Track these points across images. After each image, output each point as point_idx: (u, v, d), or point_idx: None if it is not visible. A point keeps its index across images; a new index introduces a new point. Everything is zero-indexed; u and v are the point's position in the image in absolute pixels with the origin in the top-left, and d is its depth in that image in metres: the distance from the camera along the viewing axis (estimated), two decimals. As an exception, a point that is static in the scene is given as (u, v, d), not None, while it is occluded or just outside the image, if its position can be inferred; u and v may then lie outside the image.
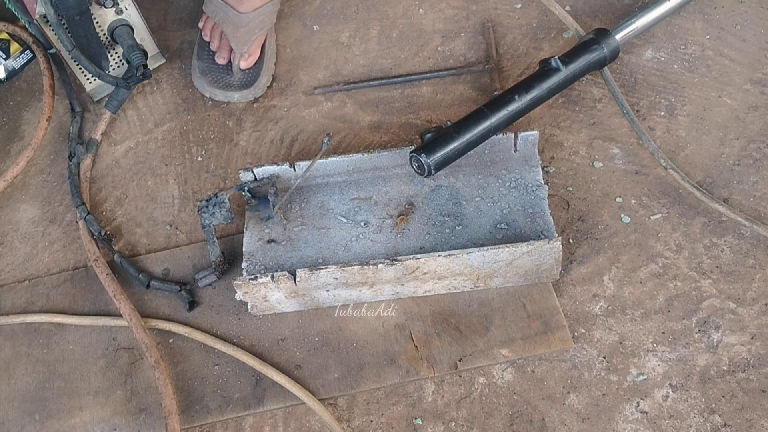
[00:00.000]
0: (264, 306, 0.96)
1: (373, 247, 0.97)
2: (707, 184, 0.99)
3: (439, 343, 0.93)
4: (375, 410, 0.91)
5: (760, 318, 0.90)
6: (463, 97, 1.13)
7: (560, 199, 1.02)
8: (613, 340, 0.91)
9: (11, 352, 1.02)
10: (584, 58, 1.01)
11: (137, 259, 1.06)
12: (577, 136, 1.06)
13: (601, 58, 1.02)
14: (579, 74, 1.01)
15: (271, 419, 0.92)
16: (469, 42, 1.19)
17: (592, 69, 1.03)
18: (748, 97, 1.06)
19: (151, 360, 0.95)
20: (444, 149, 0.93)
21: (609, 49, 1.02)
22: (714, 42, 1.12)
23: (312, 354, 0.95)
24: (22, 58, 1.27)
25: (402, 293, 0.96)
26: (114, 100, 1.19)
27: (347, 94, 1.17)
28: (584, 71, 1.02)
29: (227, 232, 1.06)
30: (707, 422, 0.84)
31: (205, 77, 1.18)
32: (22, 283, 1.08)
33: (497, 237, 0.95)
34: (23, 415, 0.97)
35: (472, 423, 0.88)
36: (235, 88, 1.17)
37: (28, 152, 1.16)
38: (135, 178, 1.15)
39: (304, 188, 1.04)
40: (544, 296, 0.94)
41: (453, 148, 0.94)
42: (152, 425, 0.93)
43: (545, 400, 0.88)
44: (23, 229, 1.14)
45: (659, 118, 1.06)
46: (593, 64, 1.02)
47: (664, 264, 0.95)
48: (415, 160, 0.94)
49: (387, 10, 1.25)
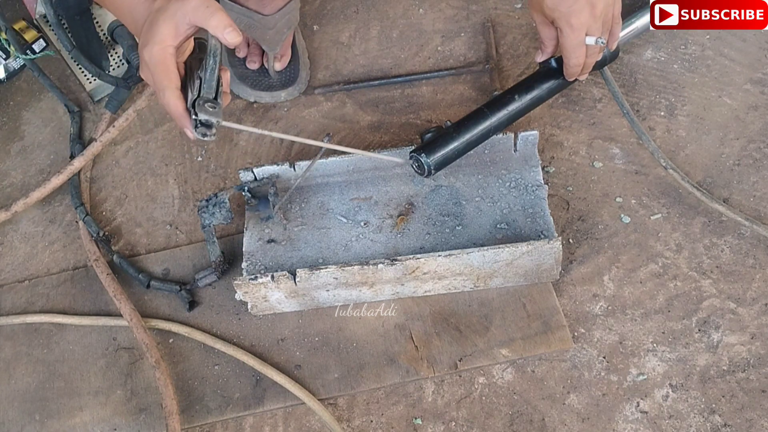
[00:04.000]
0: (264, 306, 0.97)
1: (373, 247, 0.97)
2: (707, 184, 0.99)
3: (439, 343, 0.93)
4: (375, 410, 0.91)
5: (760, 318, 0.90)
6: (463, 97, 1.13)
7: (560, 199, 1.02)
8: (613, 340, 0.91)
9: (11, 352, 1.02)
10: None
11: (137, 259, 1.06)
12: (577, 136, 1.06)
13: (601, 58, 1.02)
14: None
15: (271, 419, 0.92)
16: (469, 42, 1.19)
17: (593, 68, 1.02)
18: (748, 97, 1.06)
19: (152, 360, 0.95)
20: (444, 149, 0.93)
21: (609, 50, 1.02)
22: (714, 42, 1.12)
23: (312, 354, 0.95)
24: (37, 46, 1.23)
25: (402, 293, 0.96)
26: (114, 100, 1.19)
27: (347, 94, 1.17)
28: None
29: (227, 232, 1.06)
30: (707, 422, 0.84)
31: (245, 82, 1.17)
32: (22, 283, 1.08)
33: (497, 237, 0.95)
34: (23, 415, 0.97)
35: (472, 423, 0.88)
36: (278, 88, 1.16)
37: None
38: (135, 178, 1.15)
39: (304, 188, 1.04)
40: (544, 296, 0.94)
41: (453, 148, 0.94)
42: (152, 425, 0.93)
43: (545, 400, 0.88)
44: (23, 229, 1.14)
45: (659, 118, 1.06)
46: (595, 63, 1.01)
47: (664, 264, 0.95)
48: (415, 160, 0.94)
49: (387, 10, 1.25)
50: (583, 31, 0.88)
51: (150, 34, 0.77)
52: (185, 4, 0.76)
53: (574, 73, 0.94)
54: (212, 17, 0.75)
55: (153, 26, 0.77)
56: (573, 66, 0.93)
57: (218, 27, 0.75)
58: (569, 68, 0.93)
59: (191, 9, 0.76)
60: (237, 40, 0.76)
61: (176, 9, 0.76)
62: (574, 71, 0.94)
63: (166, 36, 0.77)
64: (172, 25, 0.76)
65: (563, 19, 0.88)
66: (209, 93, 0.77)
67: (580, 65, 0.93)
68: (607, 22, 0.91)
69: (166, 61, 0.77)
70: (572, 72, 0.94)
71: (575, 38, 0.89)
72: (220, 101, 0.78)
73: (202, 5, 0.75)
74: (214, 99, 0.77)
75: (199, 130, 0.76)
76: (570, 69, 0.93)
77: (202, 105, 0.76)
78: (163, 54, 0.77)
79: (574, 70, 0.93)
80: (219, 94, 0.78)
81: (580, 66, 0.93)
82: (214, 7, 0.76)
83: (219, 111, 0.77)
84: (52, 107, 1.26)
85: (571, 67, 0.93)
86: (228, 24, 0.75)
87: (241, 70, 1.18)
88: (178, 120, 0.79)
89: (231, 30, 0.75)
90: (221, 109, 0.77)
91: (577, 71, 0.94)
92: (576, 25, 0.88)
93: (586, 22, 0.88)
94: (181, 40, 0.78)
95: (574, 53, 0.91)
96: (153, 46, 0.77)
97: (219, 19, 0.75)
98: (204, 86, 0.78)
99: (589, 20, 0.87)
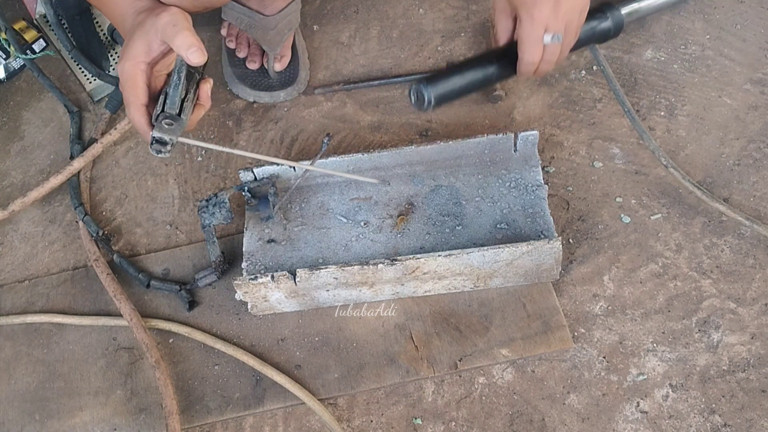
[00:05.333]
0: (264, 306, 0.97)
1: (373, 247, 0.97)
2: (707, 183, 0.99)
3: (439, 343, 0.93)
4: (375, 410, 0.91)
5: (760, 318, 0.90)
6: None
7: (560, 199, 1.02)
8: (613, 340, 0.91)
9: (11, 352, 1.02)
10: (589, 25, 0.97)
11: (137, 259, 1.06)
12: (577, 136, 1.06)
13: (605, 29, 0.98)
14: (583, 41, 0.98)
15: (271, 419, 0.92)
16: (469, 42, 1.19)
17: (595, 39, 1.00)
18: (748, 97, 1.06)
19: (152, 360, 0.95)
20: (446, 83, 0.90)
21: (614, 22, 0.99)
22: (714, 42, 1.12)
23: (312, 354, 0.95)
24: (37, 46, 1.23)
25: (402, 293, 0.96)
26: (114, 100, 1.19)
27: (347, 94, 1.17)
28: (588, 39, 0.98)
29: (227, 232, 1.06)
30: (707, 422, 0.84)
31: (245, 82, 1.17)
32: (22, 283, 1.08)
33: (497, 237, 0.95)
34: (23, 415, 0.97)
35: (472, 423, 0.88)
36: (278, 88, 1.16)
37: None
38: (135, 178, 1.15)
39: (304, 188, 1.04)
40: (544, 296, 0.94)
41: (456, 83, 0.90)
42: (152, 425, 0.93)
43: (545, 400, 0.88)
44: (23, 229, 1.14)
45: (659, 118, 1.06)
46: (597, 33, 0.99)
47: (664, 264, 0.95)
48: (414, 91, 0.90)
49: (387, 10, 1.25)
50: (542, 26, 0.85)
51: (125, 50, 0.79)
52: (157, 20, 0.77)
53: (528, 71, 0.90)
54: (177, 36, 0.76)
55: (129, 42, 0.79)
56: (527, 63, 0.88)
57: (182, 46, 0.76)
58: (523, 65, 0.89)
59: (161, 26, 0.77)
60: (200, 60, 0.77)
61: (150, 25, 0.78)
62: (528, 69, 0.89)
63: (139, 52, 0.78)
64: (145, 41, 0.78)
65: (525, 8, 0.85)
66: (172, 109, 0.79)
67: (535, 64, 0.88)
68: (570, 30, 0.88)
69: (135, 77, 0.79)
70: (526, 69, 0.89)
71: (534, 31, 0.85)
72: (183, 117, 0.80)
73: (170, 23, 0.77)
74: (177, 115, 0.79)
75: (153, 146, 0.78)
76: (524, 66, 0.89)
77: (159, 122, 0.78)
78: (134, 70, 0.79)
79: (528, 67, 0.89)
80: (183, 110, 0.80)
81: (534, 65, 0.89)
82: (181, 26, 0.77)
83: (176, 128, 0.78)
84: (52, 107, 1.26)
85: (525, 64, 0.88)
86: (191, 44, 0.76)
87: (240, 70, 1.18)
88: (142, 135, 0.81)
89: (195, 50, 0.76)
90: (181, 126, 0.79)
91: (531, 69, 0.89)
92: (537, 17, 0.84)
93: (547, 17, 0.84)
94: (155, 56, 0.79)
95: (530, 49, 0.87)
96: (125, 62, 0.79)
97: (183, 38, 0.76)
98: (167, 102, 0.79)
99: (550, 16, 0.84)
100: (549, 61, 0.89)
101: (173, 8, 0.78)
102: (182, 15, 0.78)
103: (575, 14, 0.87)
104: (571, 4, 0.85)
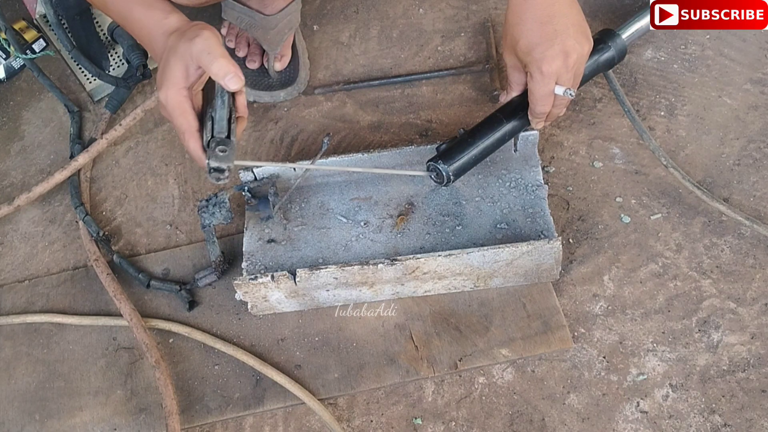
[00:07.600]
0: (264, 306, 0.97)
1: (373, 247, 0.97)
2: (707, 183, 0.99)
3: (439, 343, 0.93)
4: (375, 410, 0.91)
5: (760, 318, 0.90)
6: (463, 96, 1.13)
7: (560, 199, 1.02)
8: (613, 340, 0.91)
9: (11, 352, 1.02)
10: (593, 60, 0.99)
11: (137, 259, 1.06)
12: (577, 135, 1.06)
13: (610, 58, 1.01)
14: (589, 76, 1.00)
15: (271, 419, 0.92)
16: (469, 42, 1.19)
17: (601, 70, 1.02)
18: (748, 97, 1.06)
19: (152, 360, 0.95)
20: (461, 156, 0.93)
21: (617, 50, 1.01)
22: (714, 42, 1.12)
23: (312, 354, 0.95)
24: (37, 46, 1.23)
25: (402, 293, 0.96)
26: (114, 100, 1.20)
27: (347, 94, 1.17)
28: (594, 72, 1.01)
29: (227, 232, 1.06)
30: (707, 422, 0.84)
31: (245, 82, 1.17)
32: (22, 283, 1.08)
33: (497, 237, 0.95)
34: (23, 415, 0.97)
35: (472, 423, 0.88)
36: (278, 88, 1.16)
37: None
38: (135, 178, 1.15)
39: (304, 188, 1.04)
40: (544, 296, 0.94)
41: (470, 154, 0.93)
42: (152, 425, 0.93)
43: (545, 400, 0.88)
44: (23, 229, 1.14)
45: (659, 117, 1.06)
46: (602, 64, 1.01)
47: (664, 264, 0.95)
48: (433, 169, 0.94)
49: (387, 10, 1.25)
50: (553, 79, 0.87)
51: (164, 77, 0.79)
52: (191, 46, 0.77)
53: (539, 120, 0.93)
54: (213, 64, 0.76)
55: (166, 68, 0.79)
56: (538, 113, 0.91)
57: (219, 74, 0.76)
58: (534, 115, 0.92)
59: (196, 53, 0.77)
60: (238, 86, 0.77)
61: (185, 50, 0.78)
62: (539, 119, 0.92)
63: (178, 79, 0.78)
64: (182, 66, 0.78)
65: (535, 65, 0.86)
66: (221, 132, 0.79)
67: (545, 113, 0.91)
68: (578, 76, 0.89)
69: (182, 105, 0.79)
70: (536, 119, 0.92)
71: (545, 85, 0.87)
72: (232, 138, 0.80)
73: (205, 51, 0.77)
74: (227, 137, 0.79)
75: (212, 175, 0.78)
76: (535, 116, 0.92)
77: (213, 151, 0.77)
78: (178, 98, 0.79)
79: (539, 117, 0.92)
80: (231, 131, 0.80)
81: (545, 114, 0.91)
82: (215, 53, 0.76)
83: (230, 154, 0.78)
84: (52, 107, 1.26)
85: (536, 114, 0.91)
86: (227, 71, 0.76)
87: (241, 69, 1.18)
88: (198, 162, 0.81)
89: (232, 76, 0.77)
90: (234, 149, 0.79)
91: (542, 119, 0.92)
92: (547, 72, 0.86)
93: (557, 70, 0.86)
94: (193, 81, 0.80)
95: (541, 101, 0.89)
96: (168, 90, 0.79)
97: (219, 66, 0.76)
98: (215, 127, 0.79)
99: (561, 69, 0.86)
100: (560, 107, 0.92)
101: (205, 32, 0.78)
102: (215, 38, 0.78)
103: (583, 63, 0.89)
104: (579, 55, 0.87)
